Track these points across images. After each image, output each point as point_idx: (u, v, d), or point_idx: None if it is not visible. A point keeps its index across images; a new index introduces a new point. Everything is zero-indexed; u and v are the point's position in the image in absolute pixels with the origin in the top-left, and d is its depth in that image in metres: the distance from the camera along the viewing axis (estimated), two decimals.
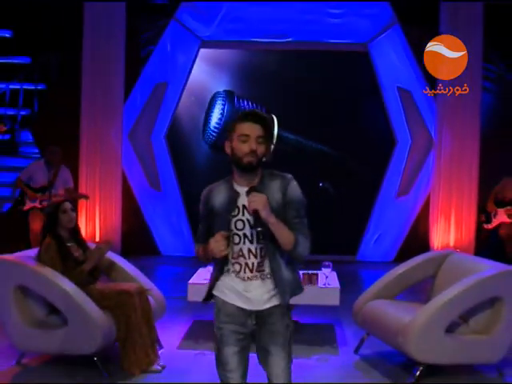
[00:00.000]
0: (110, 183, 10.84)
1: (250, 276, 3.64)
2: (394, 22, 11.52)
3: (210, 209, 3.74)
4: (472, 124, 11.01)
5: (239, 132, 3.63)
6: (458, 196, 10.90)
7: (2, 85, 11.70)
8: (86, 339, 5.73)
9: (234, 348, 3.68)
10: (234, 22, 11.55)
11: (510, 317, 5.85)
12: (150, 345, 5.97)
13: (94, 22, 10.72)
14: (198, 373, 5.92)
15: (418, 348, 5.64)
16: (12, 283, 5.92)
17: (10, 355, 6.16)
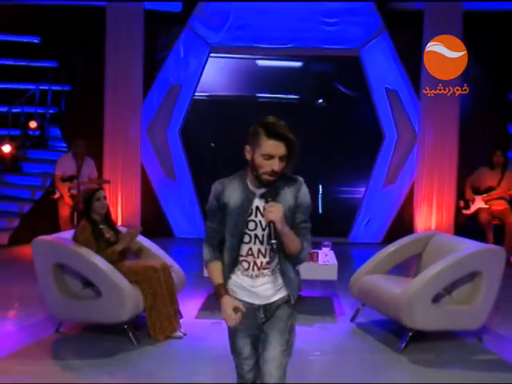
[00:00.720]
0: (131, 173, 10.78)
1: (257, 273, 3.44)
2: (383, 29, 11.38)
3: (223, 206, 3.43)
4: (451, 121, 10.92)
5: (264, 150, 3.25)
6: (439, 184, 10.84)
7: (33, 86, 11.61)
8: (117, 310, 5.79)
9: (246, 340, 3.54)
10: (240, 30, 11.42)
11: (489, 289, 5.94)
12: (172, 314, 6.07)
13: (115, 29, 10.59)
14: (214, 339, 5.96)
15: (408, 316, 5.73)
16: (51, 261, 6.02)
17: (49, 325, 6.27)
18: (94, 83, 11.34)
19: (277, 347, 3.44)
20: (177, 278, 6.30)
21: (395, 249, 6.76)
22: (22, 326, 6.38)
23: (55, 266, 6.01)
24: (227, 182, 3.43)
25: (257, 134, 3.26)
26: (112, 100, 10.63)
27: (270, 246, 3.29)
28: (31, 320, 6.52)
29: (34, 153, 11.66)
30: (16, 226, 10.52)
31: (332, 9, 11.34)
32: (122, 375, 5.18)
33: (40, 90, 11.69)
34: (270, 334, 3.47)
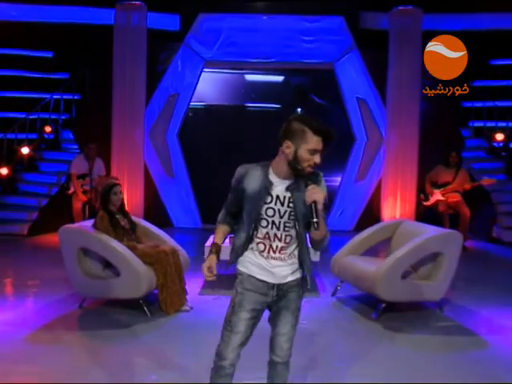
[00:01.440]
0: (135, 171, 10.68)
1: (273, 256, 3.33)
2: (353, 47, 11.36)
3: (242, 189, 3.32)
4: (412, 125, 10.86)
5: (311, 145, 3.17)
6: (402, 180, 10.83)
7: (47, 95, 11.46)
8: (133, 287, 5.90)
9: (248, 315, 3.35)
10: (230, 47, 11.39)
11: (448, 267, 6.12)
12: (180, 291, 6.18)
13: (121, 45, 10.43)
14: (216, 312, 5.79)
15: (381, 290, 5.91)
16: (76, 246, 6.11)
17: (74, 301, 6.34)
18: (102, 92, 11.32)
19: (287, 324, 3.42)
20: (183, 259, 6.37)
21: (369, 234, 6.89)
22: (49, 302, 6.36)
23: (79, 249, 6.06)
24: (250, 169, 3.33)
25: (302, 131, 3.17)
26: (119, 107, 10.48)
27: (284, 222, 3.22)
28: (57, 297, 6.53)
29: (49, 154, 11.57)
30: (35, 218, 10.41)
31: (310, 28, 11.33)
32: (138, 343, 5.27)
33: (54, 99, 11.57)
34: (282, 313, 3.42)
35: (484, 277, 8.05)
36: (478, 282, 7.59)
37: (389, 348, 5.24)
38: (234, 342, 3.30)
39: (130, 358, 4.91)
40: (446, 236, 6.31)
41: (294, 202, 3.22)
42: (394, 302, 6.15)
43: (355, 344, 5.35)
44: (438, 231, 6.44)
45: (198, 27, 11.23)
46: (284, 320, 3.39)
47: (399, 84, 10.79)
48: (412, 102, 10.77)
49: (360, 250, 6.78)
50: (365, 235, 6.85)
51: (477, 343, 5.48)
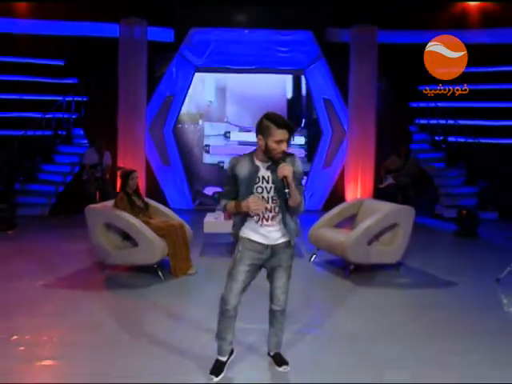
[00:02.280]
0: (137, 161, 10.53)
1: (266, 224, 3.49)
2: (321, 56, 11.37)
3: (235, 175, 3.50)
4: (370, 122, 10.87)
5: (276, 137, 3.33)
6: (362, 167, 10.91)
7: (60, 97, 11.39)
8: (149, 255, 6.02)
9: (246, 267, 3.51)
10: (218, 55, 11.36)
11: (404, 236, 6.34)
12: (187, 258, 6.34)
13: (125, 54, 10.32)
14: (215, 274, 6.11)
15: (350, 254, 6.11)
16: (100, 221, 6.21)
17: (98, 268, 6.45)
18: (107, 95, 11.11)
19: (282, 279, 3.60)
20: (188, 232, 6.49)
21: (339, 210, 7.05)
22: (77, 270, 6.48)
23: (103, 225, 6.20)
24: (240, 159, 3.50)
25: (268, 127, 3.32)
26: (123, 107, 10.41)
27: (272, 197, 3.41)
28: (82, 266, 6.65)
29: (63, 148, 11.51)
30: (53, 202, 10.44)
31: (284, 40, 11.28)
32: (154, 299, 5.44)
33: (66, 101, 11.51)
34: (277, 270, 3.58)
35: (429, 245, 8.31)
36: (424, 248, 7.82)
37: (358, 298, 5.56)
38: (236, 290, 3.48)
39: (148, 310, 5.13)
40: (401, 210, 6.52)
41: (274, 180, 3.41)
42: (361, 264, 6.40)
43: (331, 296, 5.66)
44: (395, 207, 6.66)
45: (190, 39, 11.14)
46: (279, 275, 3.58)
47: (359, 87, 10.82)
48: (369, 102, 10.80)
49: (332, 224, 6.95)
50: (336, 211, 7.00)
51: (426, 293, 5.82)
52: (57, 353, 4.10)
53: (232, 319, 3.57)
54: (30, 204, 10.21)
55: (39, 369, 3.85)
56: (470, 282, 6.22)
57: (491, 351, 4.26)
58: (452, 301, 5.55)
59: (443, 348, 4.31)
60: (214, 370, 3.65)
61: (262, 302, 3.89)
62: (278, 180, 3.36)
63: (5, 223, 8.83)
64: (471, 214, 9.09)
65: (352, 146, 10.97)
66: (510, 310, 5.41)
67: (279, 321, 3.76)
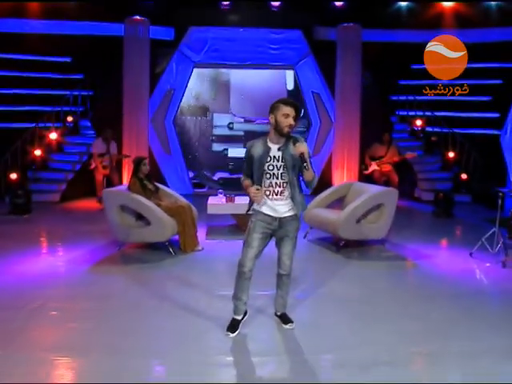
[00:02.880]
0: (141, 150, 10.67)
1: (275, 198, 3.78)
2: (309, 53, 11.54)
3: (251, 155, 3.80)
4: (355, 113, 11.09)
5: (283, 111, 3.67)
6: (348, 155, 11.15)
7: (68, 92, 11.43)
8: (160, 233, 6.28)
9: (259, 235, 3.81)
10: (214, 52, 11.41)
11: (388, 215, 6.67)
12: (194, 236, 6.63)
13: (130, 51, 10.51)
14: (220, 250, 6.60)
15: (341, 231, 6.42)
16: (116, 203, 6.43)
17: (114, 245, 6.69)
18: (111, 89, 11.33)
19: (288, 247, 3.91)
20: (194, 213, 6.75)
21: (331, 192, 7.37)
22: (93, 248, 6.70)
23: (118, 206, 6.41)
24: (255, 142, 3.85)
25: (277, 105, 3.70)
26: (128, 100, 10.62)
27: (281, 173, 3.70)
28: (98, 245, 6.87)
29: (71, 138, 11.55)
30: (64, 188, 10.54)
31: (275, 38, 11.42)
32: (167, 271, 5.78)
33: (73, 95, 11.59)
34: (284, 239, 3.88)
35: (410, 224, 8.70)
36: (406, 227, 8.15)
37: (348, 269, 5.93)
38: (250, 254, 3.80)
39: (162, 281, 5.45)
40: (386, 192, 6.86)
41: (284, 158, 3.70)
42: (351, 240, 6.72)
43: (325, 267, 5.99)
44: (380, 188, 7.02)
45: (189, 37, 11.28)
46: (285, 244, 3.91)
47: (344, 82, 11.07)
48: (354, 95, 11.05)
49: (324, 204, 7.25)
50: (328, 193, 7.32)
51: (408, 264, 6.26)
52: (86, 317, 4.43)
53: (247, 281, 3.89)
54: (41, 191, 10.31)
55: (71, 329, 4.18)
56: (446, 255, 6.68)
57: (464, 310, 4.67)
58: (431, 269, 5.95)
59: (423, 306, 4.72)
60: (230, 327, 4.00)
61: (268, 273, 4.25)
62: (289, 158, 3.67)
63: (21, 208, 9.03)
64: (447, 197, 9.48)
65: (338, 135, 11.24)
66: (481, 277, 5.81)
67: (285, 284, 4.07)
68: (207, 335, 4.03)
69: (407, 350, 3.83)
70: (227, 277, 4.81)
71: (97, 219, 8.65)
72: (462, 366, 3.63)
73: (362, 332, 4.15)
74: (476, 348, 3.89)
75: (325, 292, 5.09)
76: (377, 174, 10.12)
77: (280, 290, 4.11)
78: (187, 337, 4.00)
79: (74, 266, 5.96)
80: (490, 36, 11.41)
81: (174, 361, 3.63)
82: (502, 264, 6.11)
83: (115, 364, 3.54)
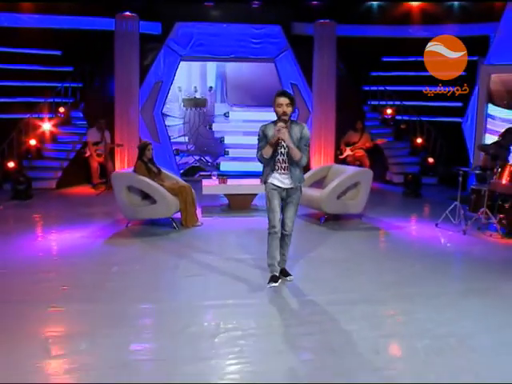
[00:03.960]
0: (132, 139, 10.90)
1: (283, 172, 4.62)
2: (288, 47, 12.11)
3: (265, 134, 4.58)
4: (331, 103, 11.49)
5: (277, 102, 4.49)
6: (324, 141, 11.60)
7: (59, 84, 11.82)
8: (165, 210, 7.08)
9: (276, 201, 4.66)
10: (199, 46, 11.85)
11: (364, 192, 7.58)
12: (194, 213, 7.42)
13: (120, 45, 10.73)
14: (215, 225, 7.45)
15: (324, 206, 7.32)
16: (124, 184, 7.16)
17: (120, 224, 7.46)
18: (102, 81, 11.90)
19: (291, 212, 4.76)
20: (193, 193, 7.47)
21: (313, 173, 8.24)
22: (103, 226, 7.46)
23: (125, 187, 7.15)
24: (267, 125, 4.65)
25: (274, 97, 4.53)
26: (119, 92, 10.91)
27: (286, 152, 4.47)
28: (106, 223, 7.63)
29: (64, 128, 11.84)
30: (60, 175, 10.97)
31: (257, 33, 12.01)
32: (172, 242, 6.59)
33: (64, 87, 11.97)
34: (288, 205, 4.72)
35: (383, 202, 9.61)
36: (379, 205, 9.06)
37: (332, 237, 6.86)
38: (276, 217, 4.67)
39: (173, 248, 6.29)
40: (362, 171, 7.81)
41: (286, 136, 4.48)
42: (332, 214, 7.62)
43: (311, 237, 6.88)
44: (357, 169, 7.95)
45: (176, 32, 11.76)
46: (289, 209, 4.76)
47: (321, 73, 11.61)
48: (330, 86, 11.58)
49: (307, 184, 7.69)
50: (310, 174, 8.16)
51: (382, 233, 7.24)
52: (117, 277, 5.26)
53: (278, 239, 4.75)
54: (38, 178, 10.69)
55: (106, 286, 5.00)
56: (415, 226, 7.67)
57: (430, 266, 5.67)
58: (402, 237, 6.97)
59: (397, 264, 5.70)
60: (272, 279, 4.83)
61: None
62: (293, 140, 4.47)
63: (23, 194, 9.63)
64: (415, 179, 10.46)
65: (316, 123, 11.87)
66: (444, 242, 6.82)
67: (286, 243, 4.91)
68: (223, 286, 4.90)
69: (385, 293, 4.79)
70: (227, 245, 5.94)
71: (96, 203, 9.40)
72: (427, 303, 4.58)
73: (348, 282, 5.10)
74: (438, 291, 4.86)
75: (314, 255, 6.01)
76: (350, 159, 10.85)
77: (282, 248, 4.92)
78: (207, 287, 4.86)
79: (90, 240, 6.71)
80: (454, 32, 12.27)
81: (197, 307, 4.49)
82: (463, 232, 7.13)
83: (156, 308, 4.39)
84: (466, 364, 3.44)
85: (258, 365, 3.42)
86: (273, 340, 3.80)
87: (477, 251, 6.41)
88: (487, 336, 3.91)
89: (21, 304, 4.44)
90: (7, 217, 8.35)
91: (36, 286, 4.90)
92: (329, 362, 3.45)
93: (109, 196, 9.66)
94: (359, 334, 3.87)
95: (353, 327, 4.00)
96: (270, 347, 3.67)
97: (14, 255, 5.95)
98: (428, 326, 4.06)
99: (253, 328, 3.99)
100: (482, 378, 3.24)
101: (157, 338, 3.89)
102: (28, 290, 4.83)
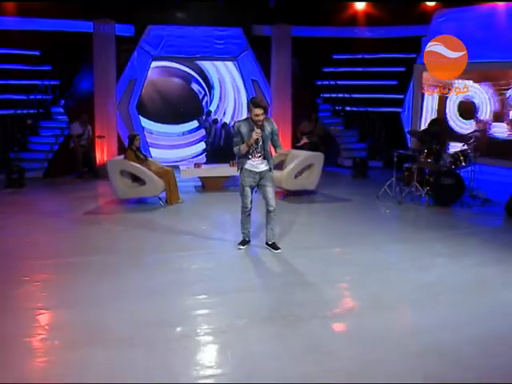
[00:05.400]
0: (110, 132, 12.25)
1: (257, 160, 5.50)
2: (248, 47, 13.42)
3: (240, 132, 5.33)
4: (287, 96, 12.99)
5: (254, 113, 5.25)
6: (282, 131, 12.29)
7: (39, 82, 12.75)
8: (153, 189, 8.44)
9: (248, 188, 5.57)
10: (169, 47, 12.98)
11: (317, 172, 9.00)
12: (176, 192, 8.74)
13: (99, 46, 11.88)
14: (195, 202, 8.90)
15: (285, 184, 8.75)
16: (117, 169, 8.44)
17: (114, 203, 8.78)
18: (80, 79, 12.97)
19: (270, 190, 5.66)
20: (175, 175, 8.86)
21: (273, 158, 9.60)
22: (99, 205, 8.84)
23: (119, 171, 8.43)
24: (241, 122, 5.51)
25: (250, 107, 5.33)
26: (98, 89, 12.06)
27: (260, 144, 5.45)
28: (102, 203, 8.99)
29: (45, 123, 12.90)
30: (46, 166, 12.02)
31: (220, 35, 13.23)
32: (159, 216, 7.95)
33: (44, 84, 12.94)
34: (266, 185, 5.61)
35: (334, 182, 11.20)
36: (331, 184, 10.58)
37: (292, 210, 8.39)
38: (247, 199, 5.71)
39: (157, 221, 7.66)
40: (315, 155, 9.32)
41: (262, 135, 5.43)
42: (291, 191, 9.11)
43: (278, 212, 8.14)
44: (310, 153, 9.47)
45: (148, 34, 12.88)
46: (268, 190, 5.67)
47: (278, 70, 13.12)
48: (286, 81, 13.12)
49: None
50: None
51: (333, 204, 8.83)
52: (128, 234, 6.71)
53: (249, 217, 5.88)
54: (25, 169, 11.35)
55: (125, 237, 6.45)
56: (360, 199, 9.31)
57: (369, 223, 7.36)
58: (350, 207, 8.67)
59: (339, 225, 7.38)
60: (241, 243, 6.02)
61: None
62: (264, 135, 5.45)
63: (16, 182, 10.73)
64: (362, 162, 12.11)
65: (274, 115, 12.98)
66: (383, 209, 8.54)
67: (273, 217, 5.79)
68: (199, 240, 6.42)
69: (331, 243, 6.43)
70: (208, 217, 7.42)
71: (85, 189, 10.60)
72: (362, 248, 6.23)
73: (305, 236, 6.71)
74: (373, 240, 6.54)
75: (287, 221, 7.42)
76: (308, 145, 12.16)
77: (269, 224, 5.77)
78: (187, 242, 6.37)
79: (94, 217, 8.05)
80: (396, 32, 13.92)
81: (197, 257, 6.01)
82: (398, 202, 8.85)
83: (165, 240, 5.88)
84: (384, 279, 5.09)
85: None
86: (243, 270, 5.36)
87: (408, 215, 8.15)
88: (405, 263, 5.61)
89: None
90: (12, 201, 9.49)
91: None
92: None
93: (93, 182, 11.10)
94: (314, 266, 5.47)
95: (305, 261, 5.61)
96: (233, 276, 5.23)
97: (31, 227, 7.29)
98: (363, 260, 5.72)
99: (223, 266, 5.54)
100: (397, 291, 4.89)
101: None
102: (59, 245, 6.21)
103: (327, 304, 4.48)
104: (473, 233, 7.08)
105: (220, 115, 15.12)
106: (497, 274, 5.30)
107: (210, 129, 14.52)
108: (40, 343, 3.74)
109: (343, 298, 4.78)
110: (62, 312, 4.34)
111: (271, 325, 4.05)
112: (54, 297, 4.71)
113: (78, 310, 4.35)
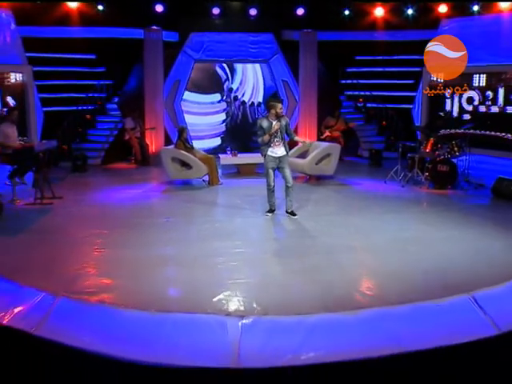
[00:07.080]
0: (158, 126, 13.75)
1: (276, 146, 6.99)
2: (279, 51, 14.71)
3: (262, 126, 6.79)
4: (313, 93, 14.27)
5: (279, 107, 6.87)
6: (309, 125, 14.43)
7: (95, 82, 14.60)
8: (199, 172, 10.30)
9: (271, 171, 7.03)
10: (209, 51, 14.45)
11: (334, 160, 10.61)
12: (217, 175, 10.51)
13: (149, 49, 13.59)
14: (232, 184, 10.56)
15: (307, 170, 10.39)
16: (169, 156, 10.26)
17: (165, 184, 10.57)
18: (132, 80, 14.78)
19: (287, 170, 7.20)
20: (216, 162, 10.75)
21: (298, 148, 11.24)
22: (153, 186, 10.73)
23: (170, 158, 10.27)
24: (262, 118, 7.03)
25: (274, 104, 6.94)
26: (148, 88, 13.73)
27: (280, 134, 7.13)
28: (155, 184, 10.88)
29: (101, 117, 14.65)
30: (102, 155, 13.72)
31: (254, 40, 14.61)
32: (204, 194, 9.78)
33: (100, 84, 14.90)
34: (284, 167, 7.13)
35: (352, 170, 12.75)
36: (350, 172, 12.17)
37: (314, 191, 10.09)
38: (270, 178, 7.26)
39: (203, 197, 9.57)
40: (333, 146, 11.00)
41: (280, 127, 7.10)
42: (312, 175, 10.83)
43: (299, 190, 9.88)
44: (329, 144, 11.16)
45: (191, 40, 14.42)
46: (286, 170, 7.25)
47: (305, 71, 14.52)
48: (313, 81, 14.56)
49: (295, 155, 11.12)
50: (296, 148, 11.28)
51: (348, 187, 10.53)
52: (183, 211, 8.74)
53: (273, 192, 7.58)
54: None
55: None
56: (373, 183, 11.02)
57: (377, 203, 9.22)
58: (363, 189, 10.39)
59: (351, 201, 9.24)
60: (268, 211, 7.83)
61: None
62: (281, 127, 7.19)
63: (81, 168, 12.87)
64: (378, 153, 13.67)
65: (302, 111, 14.66)
66: (390, 191, 10.32)
67: (290, 192, 7.51)
68: (234, 210, 8.40)
69: (342, 213, 8.32)
70: (243, 195, 9.10)
71: (140, 173, 12.54)
72: (366, 217, 8.09)
73: (323, 209, 8.61)
74: (376, 211, 8.39)
75: (305, 198, 9.26)
76: (329, 139, 13.17)
77: (288, 196, 7.47)
78: (238, 214, 8.33)
79: (151, 193, 10.02)
80: (411, 36, 15.13)
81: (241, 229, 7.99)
82: (402, 185, 10.62)
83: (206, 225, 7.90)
84: (371, 235, 6.97)
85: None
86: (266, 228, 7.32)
87: (408, 195, 9.91)
88: (392, 226, 7.48)
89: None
90: (83, 183, 11.51)
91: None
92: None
93: (146, 168, 13.00)
94: (321, 227, 7.39)
95: (314, 223, 7.52)
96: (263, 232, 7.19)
97: (108, 200, 9.39)
98: (360, 224, 7.61)
99: (255, 225, 7.51)
100: (381, 261, 6.77)
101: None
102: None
103: (326, 247, 6.42)
104: (460, 209, 8.80)
105: (239, 95, 16.32)
106: (461, 236, 7.01)
107: (231, 102, 15.80)
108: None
109: (339, 244, 6.64)
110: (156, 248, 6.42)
111: (286, 256, 6.10)
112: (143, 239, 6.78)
113: (155, 248, 6.43)
